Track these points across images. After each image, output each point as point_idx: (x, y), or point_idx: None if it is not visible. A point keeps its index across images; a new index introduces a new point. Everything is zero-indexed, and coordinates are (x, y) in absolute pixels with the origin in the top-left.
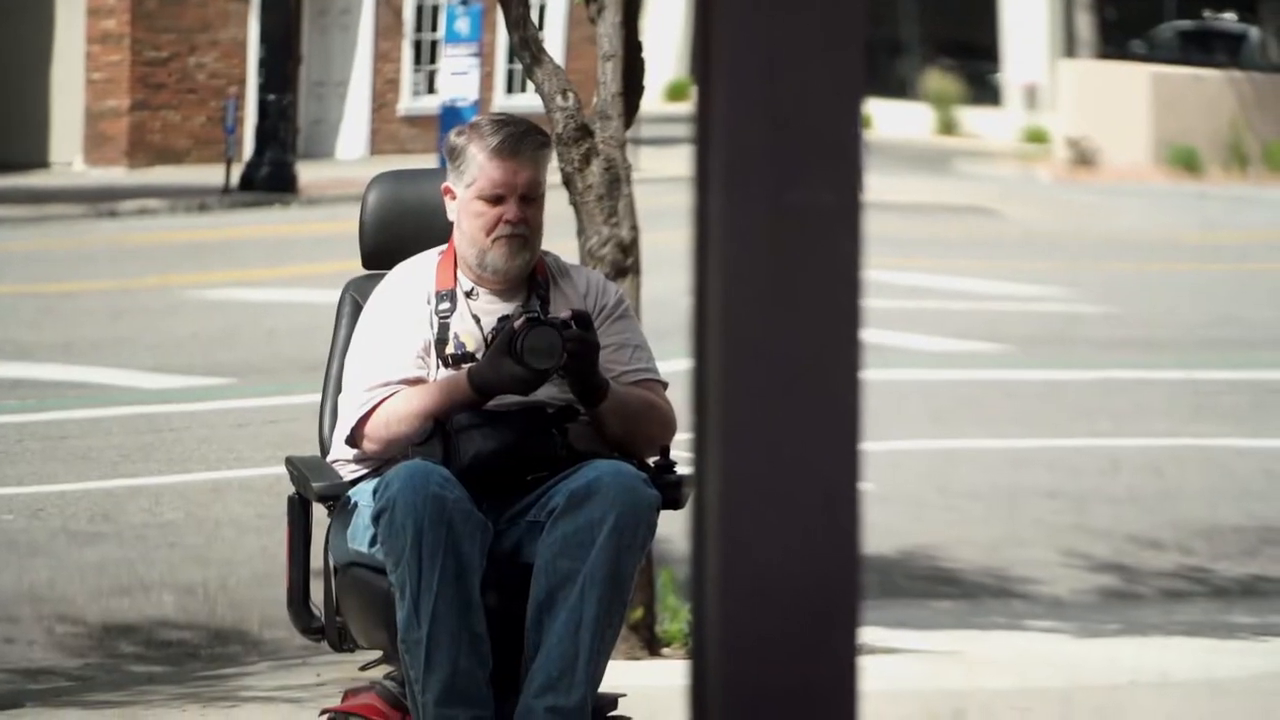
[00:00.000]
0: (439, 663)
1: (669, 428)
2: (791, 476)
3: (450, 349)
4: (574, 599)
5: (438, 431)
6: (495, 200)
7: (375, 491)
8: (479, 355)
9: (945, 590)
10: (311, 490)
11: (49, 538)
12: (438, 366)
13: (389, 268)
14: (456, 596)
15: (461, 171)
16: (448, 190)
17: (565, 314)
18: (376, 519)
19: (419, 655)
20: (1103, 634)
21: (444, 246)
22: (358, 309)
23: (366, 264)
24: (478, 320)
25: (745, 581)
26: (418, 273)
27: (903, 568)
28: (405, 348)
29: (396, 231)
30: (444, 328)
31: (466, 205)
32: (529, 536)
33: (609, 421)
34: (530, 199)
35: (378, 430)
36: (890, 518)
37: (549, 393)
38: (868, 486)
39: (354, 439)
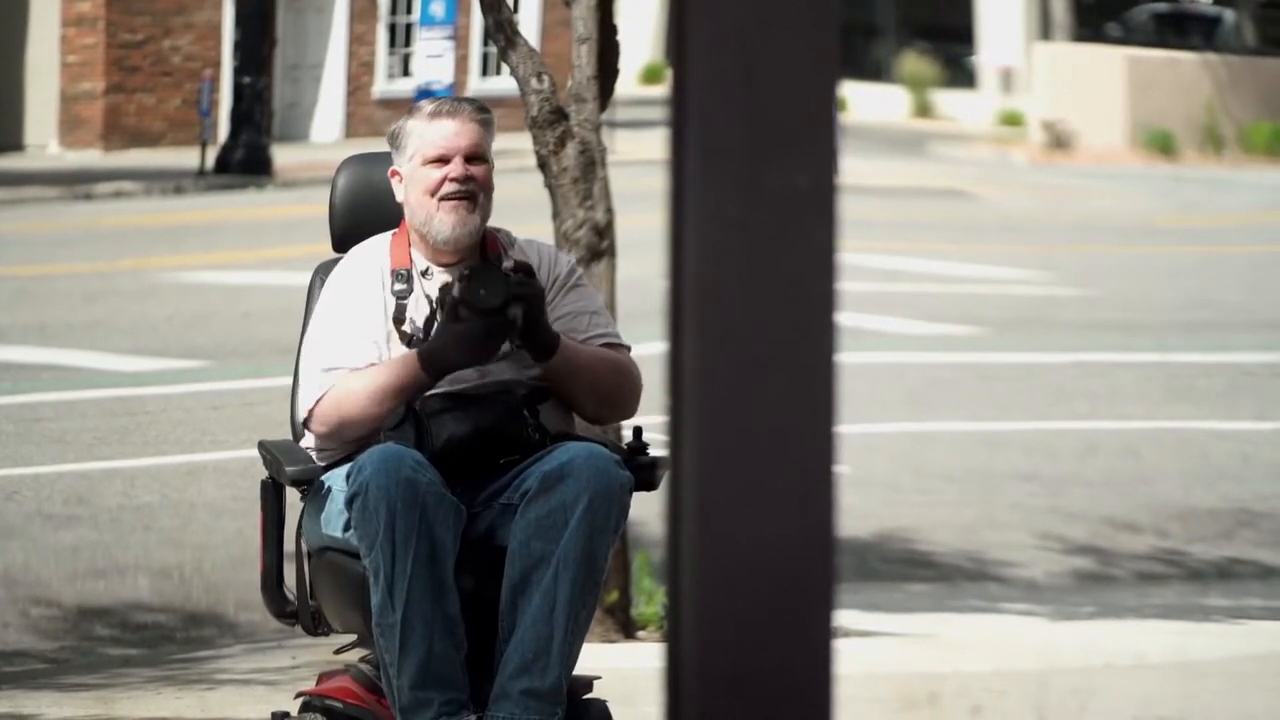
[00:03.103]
0: (414, 646)
1: (637, 387)
2: (767, 459)
3: (407, 328)
4: (548, 581)
5: (409, 416)
6: (440, 161)
7: (348, 476)
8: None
9: (920, 573)
10: (284, 474)
11: (24, 520)
12: (389, 351)
13: None
14: (430, 580)
15: (403, 148)
16: (394, 173)
17: (507, 263)
18: (350, 503)
19: (393, 639)
20: (1078, 617)
21: (396, 229)
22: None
23: (337, 247)
24: (430, 300)
25: (720, 564)
26: (372, 254)
27: (878, 551)
28: (360, 332)
29: (366, 214)
30: (400, 308)
31: (412, 175)
32: (502, 519)
33: (576, 386)
34: (475, 159)
35: (327, 412)
36: (865, 501)
37: (515, 373)
38: (843, 469)
39: (307, 423)
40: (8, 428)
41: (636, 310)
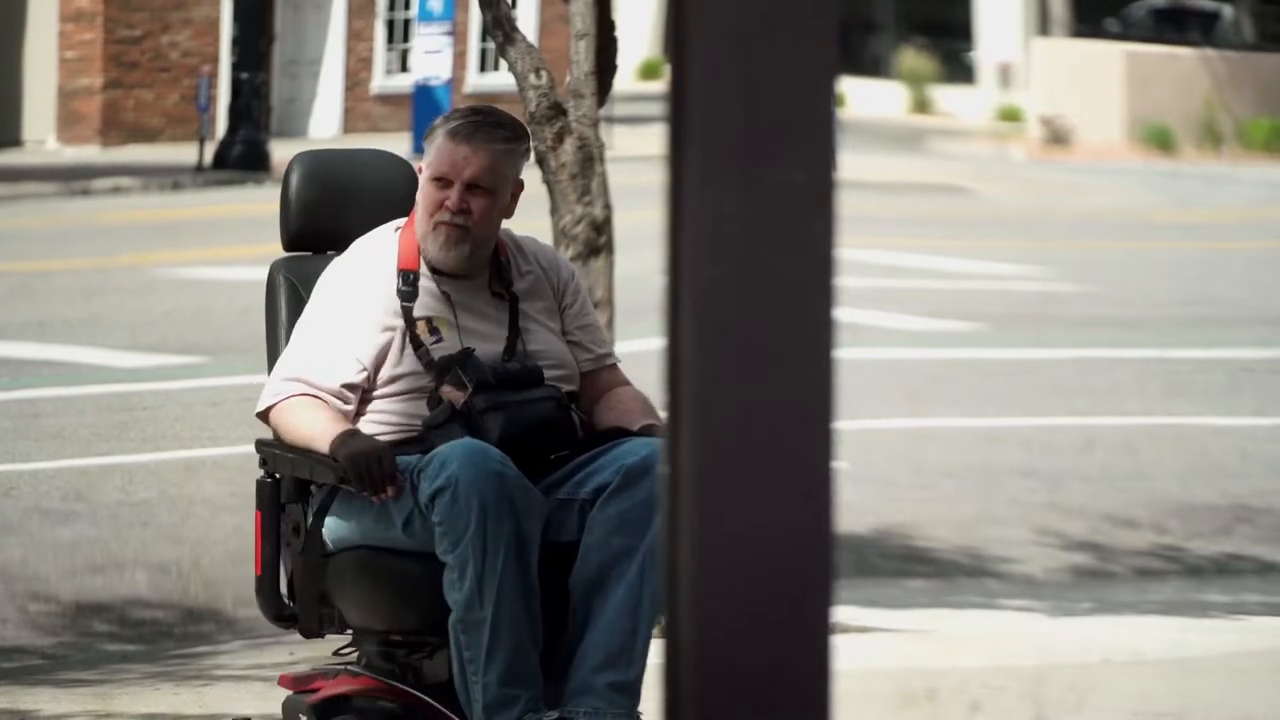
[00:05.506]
0: (502, 643)
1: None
2: (765, 456)
3: (427, 337)
4: (632, 576)
5: (456, 415)
6: (443, 183)
7: (422, 470)
8: (449, 337)
9: (919, 569)
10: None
11: (22, 516)
12: (403, 346)
13: (314, 250)
14: (519, 576)
15: (427, 151)
16: (420, 168)
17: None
18: (433, 497)
19: (480, 635)
20: (1076, 612)
21: (401, 221)
22: (294, 288)
23: (289, 247)
24: (447, 296)
25: (719, 561)
26: (379, 250)
27: (877, 547)
28: (352, 344)
29: (325, 213)
30: (407, 310)
31: (423, 185)
32: (559, 514)
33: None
34: (476, 188)
35: (274, 420)
36: (864, 497)
37: (552, 375)
38: (841, 465)
39: (264, 417)
40: (6, 423)
41: (635, 306)
